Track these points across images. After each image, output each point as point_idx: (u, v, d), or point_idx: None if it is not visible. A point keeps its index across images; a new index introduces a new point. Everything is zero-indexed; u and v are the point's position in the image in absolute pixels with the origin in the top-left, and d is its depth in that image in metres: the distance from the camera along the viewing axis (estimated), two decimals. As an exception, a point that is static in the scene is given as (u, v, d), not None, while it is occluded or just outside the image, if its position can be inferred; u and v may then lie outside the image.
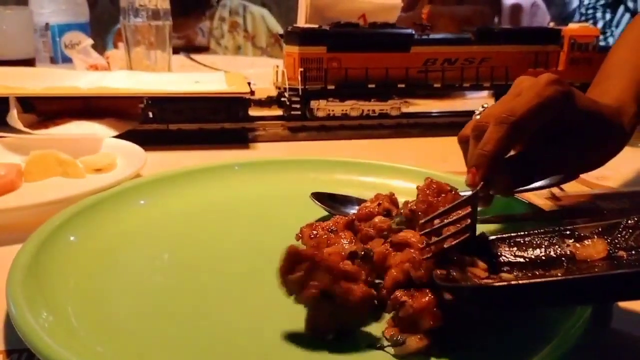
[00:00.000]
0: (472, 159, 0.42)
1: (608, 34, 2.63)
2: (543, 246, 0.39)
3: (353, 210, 0.50)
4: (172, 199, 0.52)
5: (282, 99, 0.85)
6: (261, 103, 0.87)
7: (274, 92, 0.88)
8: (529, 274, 0.37)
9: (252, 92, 0.81)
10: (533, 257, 0.39)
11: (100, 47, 1.79)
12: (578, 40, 0.92)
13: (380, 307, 0.38)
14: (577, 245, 0.38)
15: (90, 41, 1.12)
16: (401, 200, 0.49)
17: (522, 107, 0.41)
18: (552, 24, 0.99)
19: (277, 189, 0.56)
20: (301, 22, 0.99)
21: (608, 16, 2.68)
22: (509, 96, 0.44)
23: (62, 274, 0.39)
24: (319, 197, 0.52)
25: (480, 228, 0.42)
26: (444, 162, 0.75)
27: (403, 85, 0.87)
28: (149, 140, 0.72)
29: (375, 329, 0.37)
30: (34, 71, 0.96)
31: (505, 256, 0.39)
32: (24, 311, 0.33)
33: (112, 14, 1.94)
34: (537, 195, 0.61)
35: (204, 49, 2.08)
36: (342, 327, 0.35)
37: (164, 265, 0.44)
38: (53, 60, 1.17)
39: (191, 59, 1.44)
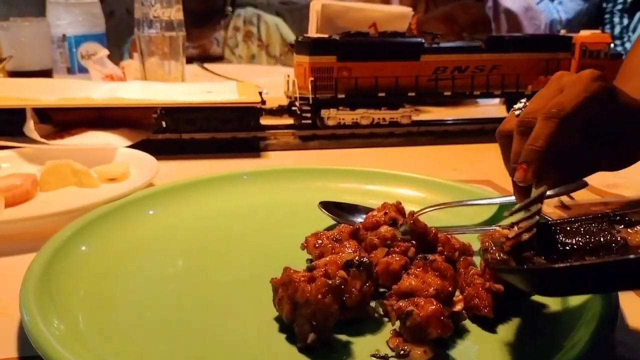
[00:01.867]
0: (521, 154, 0.41)
1: (625, 39, 2.61)
2: (592, 232, 0.38)
3: (360, 219, 0.51)
4: (182, 208, 0.53)
5: (293, 108, 0.87)
6: (272, 112, 0.88)
7: (285, 102, 0.89)
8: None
9: (263, 102, 0.82)
10: (582, 243, 0.38)
11: (117, 57, 1.82)
12: (589, 48, 0.92)
13: (382, 317, 0.39)
14: (629, 230, 0.37)
15: (106, 52, 1.14)
16: (408, 208, 0.50)
17: (571, 101, 0.41)
18: (563, 32, 0.99)
19: (286, 197, 0.57)
20: (312, 31, 1.00)
21: (625, 21, 2.65)
22: (550, 92, 0.43)
23: (73, 283, 0.40)
24: (327, 205, 0.52)
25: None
26: (453, 170, 0.76)
27: (413, 94, 0.88)
28: (161, 149, 0.73)
29: (379, 338, 0.37)
30: (49, 82, 0.98)
31: (554, 243, 0.39)
32: (36, 319, 0.34)
33: (129, 24, 1.97)
34: (547, 203, 0.61)
35: (218, 58, 2.10)
36: (320, 330, 0.35)
37: (174, 274, 0.45)
38: (70, 71, 1.19)
39: (204, 68, 1.46)
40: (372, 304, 0.40)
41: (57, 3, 1.21)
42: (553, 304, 0.40)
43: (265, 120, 0.86)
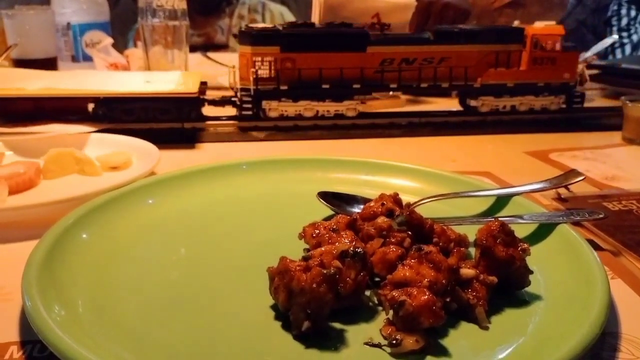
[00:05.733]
0: None
1: (632, 31, 2.58)
2: None
3: (358, 210, 0.51)
4: (181, 197, 0.53)
5: (233, 99, 0.85)
6: (215, 103, 0.86)
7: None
8: None
9: (202, 92, 0.81)
10: None
11: (122, 45, 1.82)
12: (541, 40, 0.90)
13: (377, 306, 0.40)
14: None
15: (110, 40, 1.14)
16: (406, 199, 0.50)
17: None
18: (516, 23, 0.96)
19: (284, 187, 0.58)
20: (316, 20, 1.00)
21: (633, 13, 2.63)
22: None
23: (74, 270, 0.41)
24: (325, 196, 0.53)
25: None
26: (452, 161, 0.76)
27: (359, 86, 0.86)
28: None
29: (373, 327, 0.38)
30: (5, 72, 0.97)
31: None
32: (37, 305, 0.35)
33: (133, 12, 1.96)
34: (544, 196, 0.61)
35: (223, 47, 2.10)
36: (315, 318, 0.36)
37: (172, 262, 0.45)
38: (74, 59, 1.20)
39: (207, 57, 1.46)
40: (367, 293, 0.41)
41: (61, -9, 1.21)
42: (547, 295, 0.41)
43: (209, 112, 0.86)
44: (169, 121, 0.81)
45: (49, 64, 1.10)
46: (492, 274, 0.41)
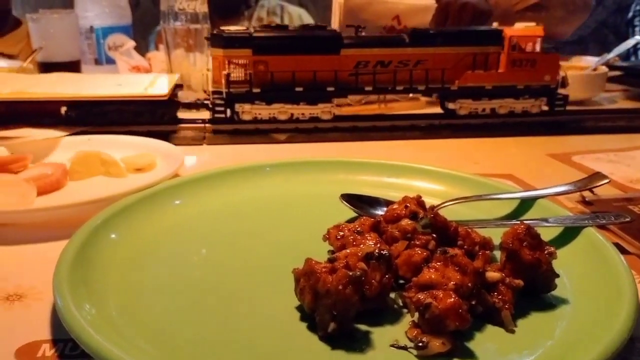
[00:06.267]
0: None
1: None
2: None
3: (381, 212, 0.52)
4: (206, 198, 0.54)
5: (206, 102, 0.85)
6: (190, 106, 0.87)
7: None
8: None
9: (173, 95, 0.82)
10: None
11: (142, 48, 1.84)
12: (519, 41, 0.88)
13: (401, 308, 0.40)
14: None
15: (132, 43, 1.16)
16: (429, 202, 0.50)
17: None
18: (495, 24, 0.94)
19: (307, 189, 0.58)
20: (335, 24, 1.01)
21: None
22: None
23: (104, 269, 0.42)
24: (348, 198, 0.53)
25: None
26: (475, 163, 0.76)
27: (332, 89, 0.85)
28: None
29: (398, 329, 0.38)
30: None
31: None
32: (68, 303, 0.36)
33: (154, 15, 1.99)
34: (569, 199, 0.61)
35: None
36: (341, 320, 0.36)
37: (198, 262, 0.46)
38: (97, 62, 1.21)
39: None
40: (392, 295, 0.41)
41: (85, -5, 1.23)
42: (573, 299, 0.40)
43: (185, 115, 0.86)
44: (141, 124, 0.81)
45: (73, 67, 1.12)
46: (518, 277, 0.40)
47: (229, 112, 0.85)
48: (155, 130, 0.79)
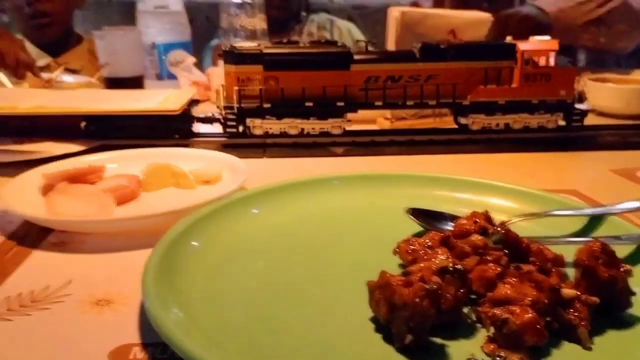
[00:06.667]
0: None
1: None
2: None
3: (447, 227, 0.52)
4: (280, 209, 0.57)
5: (217, 116, 0.87)
6: (204, 120, 0.89)
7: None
8: None
9: (186, 110, 0.84)
10: None
11: (197, 62, 1.90)
12: (532, 56, 0.86)
13: (475, 323, 0.40)
14: None
15: (192, 59, 1.20)
16: (496, 217, 0.51)
17: None
18: (509, 39, 0.91)
19: (374, 202, 0.59)
20: (391, 38, 1.02)
21: None
22: None
23: (188, 275, 0.44)
24: (414, 212, 0.54)
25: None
26: (534, 178, 0.75)
27: (342, 104, 0.85)
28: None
29: (473, 343, 0.38)
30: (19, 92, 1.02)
31: None
32: (158, 308, 0.38)
33: (208, 31, 2.05)
34: (638, 216, 0.60)
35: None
36: (417, 332, 0.37)
37: (274, 270, 0.48)
38: (159, 77, 1.26)
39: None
40: (465, 309, 0.41)
41: (146, 12, 1.28)
42: (651, 318, 0.40)
43: (201, 129, 0.89)
44: (157, 138, 0.83)
45: (136, 82, 1.17)
46: (594, 294, 0.40)
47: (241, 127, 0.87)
48: (169, 144, 0.82)
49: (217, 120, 0.87)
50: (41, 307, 0.43)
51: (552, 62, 0.86)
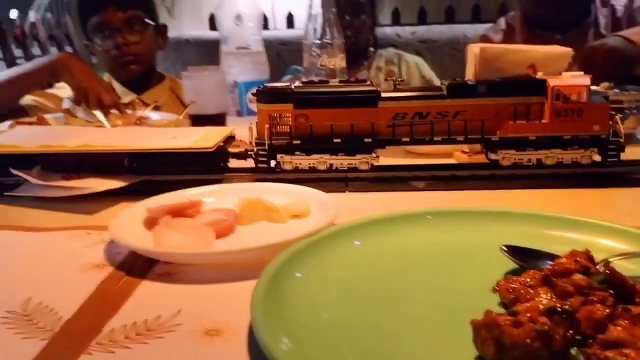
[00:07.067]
0: None
1: None
2: None
3: (544, 265, 0.52)
4: (378, 242, 0.58)
5: (249, 152, 0.90)
6: (238, 156, 0.92)
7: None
8: None
9: (221, 147, 0.87)
10: None
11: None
12: (563, 91, 0.84)
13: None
14: None
15: (271, 96, 1.25)
16: (596, 256, 0.50)
17: None
18: (540, 74, 0.90)
19: (467, 239, 0.60)
20: (470, 74, 1.02)
21: None
22: None
23: (293, 305, 0.46)
24: (510, 249, 0.54)
25: None
26: (628, 215, 0.73)
27: (370, 140, 0.86)
28: (142, 190, 0.82)
29: (583, 385, 0.38)
30: (58, 130, 1.10)
31: None
32: (270, 340, 0.40)
33: (279, 68, 2.12)
34: None
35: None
36: None
37: (376, 303, 0.49)
38: (239, 114, 1.32)
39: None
40: (572, 351, 0.41)
41: (229, 53, 1.35)
42: None
43: (236, 164, 0.93)
44: (194, 173, 0.88)
45: (220, 119, 1.23)
46: None
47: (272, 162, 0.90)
48: (206, 179, 0.87)
49: (250, 156, 0.91)
50: (156, 336, 0.46)
51: (584, 97, 0.85)
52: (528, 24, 2.07)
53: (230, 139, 0.96)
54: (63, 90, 1.70)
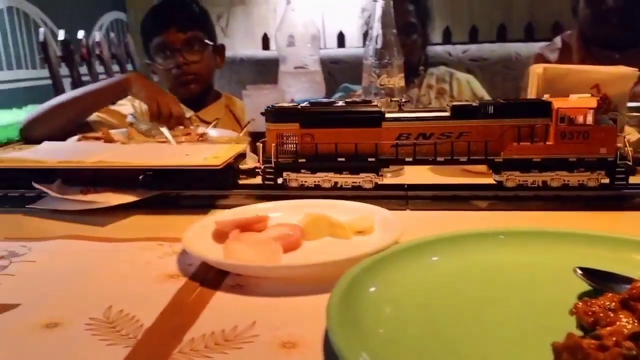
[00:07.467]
0: None
1: None
2: None
3: (620, 288, 0.51)
4: (452, 259, 0.59)
5: (256, 170, 0.93)
6: (247, 173, 0.96)
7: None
8: None
9: (230, 164, 0.91)
10: None
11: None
12: (568, 114, 0.82)
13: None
14: None
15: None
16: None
17: None
18: (546, 97, 0.87)
19: (538, 259, 0.60)
20: (532, 94, 1.02)
21: None
22: None
23: (368, 319, 0.47)
24: (583, 271, 0.53)
25: None
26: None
27: (373, 159, 0.88)
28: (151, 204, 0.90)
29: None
30: (77, 146, 1.18)
31: None
32: (349, 353, 0.41)
33: (330, 87, 2.14)
34: None
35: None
36: None
37: (452, 321, 0.49)
38: (296, 131, 1.34)
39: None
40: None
41: (287, 72, 1.38)
42: None
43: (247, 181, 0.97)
44: (204, 188, 0.93)
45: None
46: None
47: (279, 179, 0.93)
48: (217, 194, 0.94)
49: (258, 173, 0.94)
50: (235, 347, 0.48)
51: (589, 119, 0.83)
52: (585, 43, 2.03)
53: (241, 156, 1.00)
54: (125, 107, 1.77)
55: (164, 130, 1.25)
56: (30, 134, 1.64)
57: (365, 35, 2.49)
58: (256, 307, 0.55)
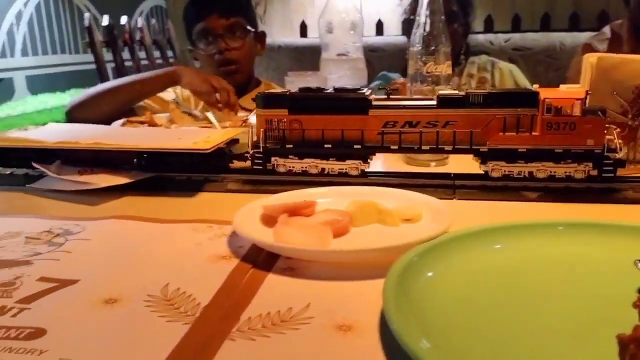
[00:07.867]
0: None
1: None
2: None
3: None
4: (516, 247, 0.59)
5: (245, 154, 0.93)
6: (238, 157, 0.96)
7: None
8: None
9: (220, 148, 0.92)
10: None
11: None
12: (555, 104, 0.79)
13: None
14: None
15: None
16: None
17: None
18: (535, 87, 0.85)
19: (597, 251, 0.59)
20: (585, 84, 0.99)
21: None
22: None
23: (426, 305, 0.47)
24: (642, 264, 0.52)
25: None
26: None
27: (359, 147, 0.87)
28: (146, 186, 0.92)
29: None
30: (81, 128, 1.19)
31: None
32: (410, 340, 0.41)
33: (368, 73, 2.13)
34: None
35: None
36: None
37: (511, 311, 0.49)
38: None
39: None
40: None
41: (329, 59, 1.38)
42: None
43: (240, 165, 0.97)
44: (195, 172, 0.95)
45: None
46: None
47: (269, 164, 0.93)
48: (209, 178, 0.96)
49: (247, 158, 0.95)
50: (291, 327, 0.48)
51: (576, 110, 0.81)
52: (637, 33, 1.97)
53: (234, 141, 1.01)
54: (167, 93, 1.80)
55: (210, 114, 1.27)
56: (76, 117, 1.69)
57: (405, 23, 2.46)
58: (309, 289, 0.56)
